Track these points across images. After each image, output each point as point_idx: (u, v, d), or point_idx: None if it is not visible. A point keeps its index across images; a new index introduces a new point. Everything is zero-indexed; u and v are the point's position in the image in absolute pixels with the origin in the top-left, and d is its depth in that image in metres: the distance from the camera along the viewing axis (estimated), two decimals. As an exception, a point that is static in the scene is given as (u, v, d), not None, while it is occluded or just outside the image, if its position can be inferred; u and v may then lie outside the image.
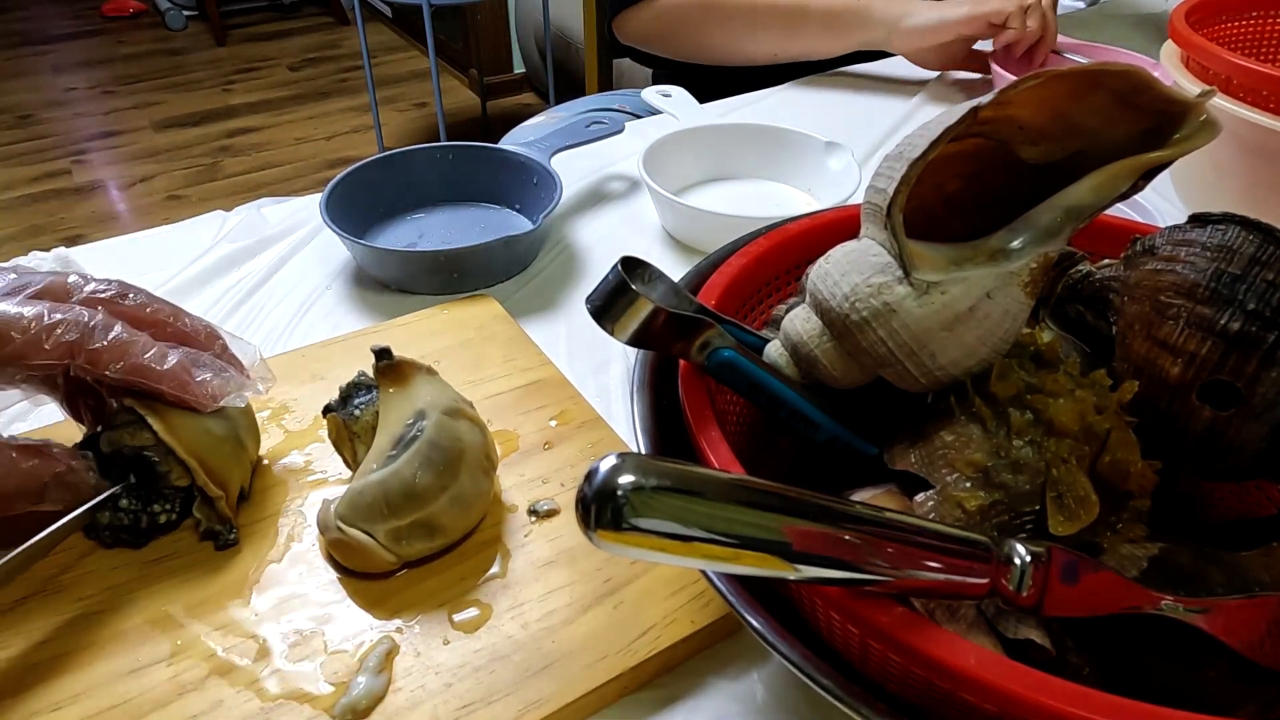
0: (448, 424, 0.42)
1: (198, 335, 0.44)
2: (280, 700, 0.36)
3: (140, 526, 0.42)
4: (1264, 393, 0.32)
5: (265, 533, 0.44)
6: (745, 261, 0.42)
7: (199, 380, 0.41)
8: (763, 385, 0.35)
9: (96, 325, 0.39)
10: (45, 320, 0.38)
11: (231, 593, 0.41)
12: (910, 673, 0.27)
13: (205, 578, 0.42)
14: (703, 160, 0.79)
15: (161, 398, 0.41)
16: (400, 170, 0.72)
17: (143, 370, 0.40)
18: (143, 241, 0.71)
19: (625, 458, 0.23)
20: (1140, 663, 0.31)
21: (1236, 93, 0.60)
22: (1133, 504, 0.33)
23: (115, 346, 0.39)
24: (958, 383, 0.34)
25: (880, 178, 0.34)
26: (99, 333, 0.39)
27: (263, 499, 0.46)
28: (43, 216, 2.53)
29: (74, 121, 3.03)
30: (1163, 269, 0.34)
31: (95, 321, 0.39)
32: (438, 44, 2.56)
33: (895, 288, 0.32)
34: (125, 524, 0.42)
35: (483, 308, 0.61)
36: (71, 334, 0.38)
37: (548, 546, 0.44)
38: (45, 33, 3.70)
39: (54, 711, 0.36)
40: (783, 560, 0.24)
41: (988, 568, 0.27)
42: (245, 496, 0.46)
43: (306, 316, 0.63)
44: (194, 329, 0.44)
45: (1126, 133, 0.33)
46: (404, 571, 0.42)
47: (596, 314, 0.33)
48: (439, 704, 0.37)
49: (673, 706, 0.39)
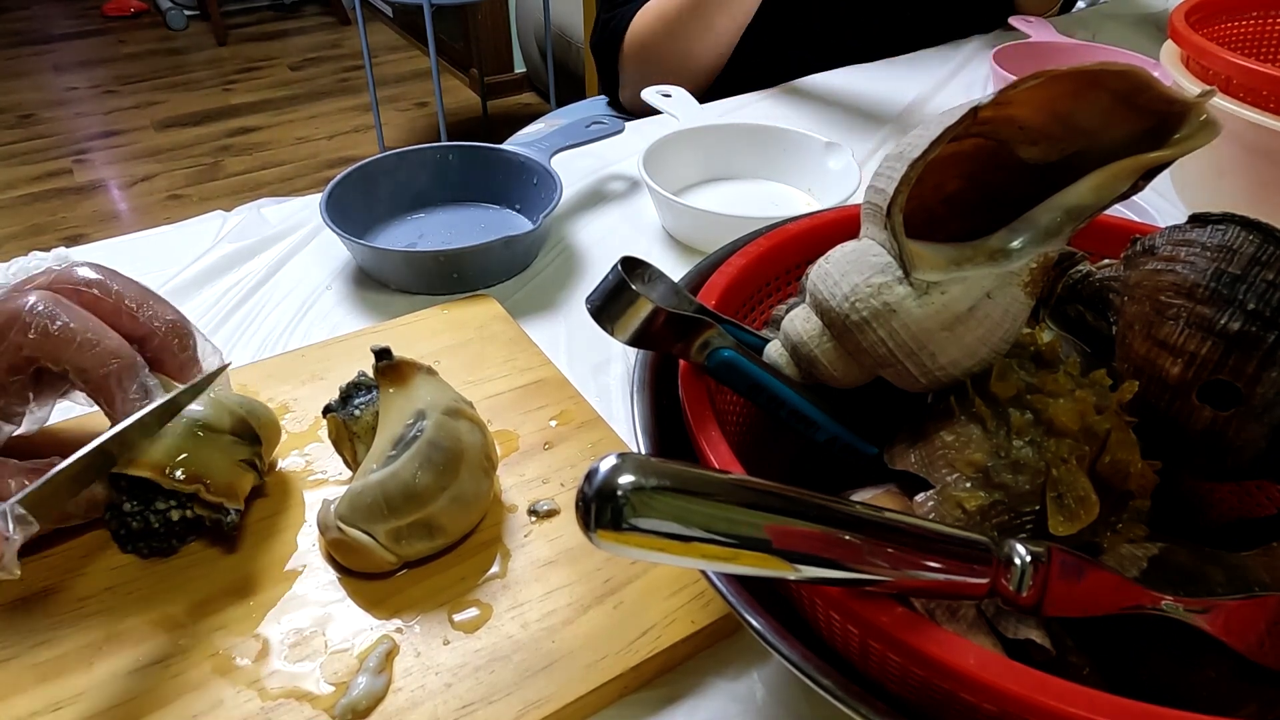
0: (448, 424, 0.42)
1: (155, 333, 0.42)
2: (280, 700, 0.36)
3: (153, 527, 0.41)
4: (1264, 393, 0.32)
5: (265, 533, 0.44)
6: (745, 261, 0.42)
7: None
8: (763, 385, 0.35)
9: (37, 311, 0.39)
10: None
11: (231, 593, 0.41)
12: (910, 673, 0.27)
13: (205, 578, 0.42)
14: (703, 160, 0.79)
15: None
16: (400, 170, 0.72)
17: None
18: (143, 241, 0.71)
19: (625, 458, 0.23)
20: (1140, 663, 0.31)
21: (1236, 93, 0.59)
22: (1133, 504, 0.33)
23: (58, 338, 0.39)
24: (958, 383, 0.34)
25: (880, 178, 0.34)
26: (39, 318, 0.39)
27: (263, 499, 0.46)
28: (44, 216, 2.53)
29: (75, 121, 3.03)
30: (1163, 269, 0.34)
31: (32, 307, 0.39)
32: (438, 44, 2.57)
33: (895, 288, 0.32)
34: (137, 528, 0.41)
35: (483, 308, 0.61)
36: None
37: (548, 546, 0.44)
38: (46, 32, 3.70)
39: (54, 711, 0.36)
40: (782, 560, 0.24)
41: (988, 568, 0.27)
42: (259, 469, 0.44)
43: (306, 316, 0.63)
44: (151, 326, 0.42)
45: (1126, 133, 0.33)
46: (404, 571, 0.42)
47: (596, 314, 0.33)
48: (439, 704, 0.37)
49: (673, 706, 0.39)
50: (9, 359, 0.39)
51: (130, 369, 0.40)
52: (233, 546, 0.43)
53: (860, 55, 1.06)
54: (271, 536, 0.44)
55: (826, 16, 1.10)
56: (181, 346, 0.43)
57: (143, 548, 0.42)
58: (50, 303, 0.40)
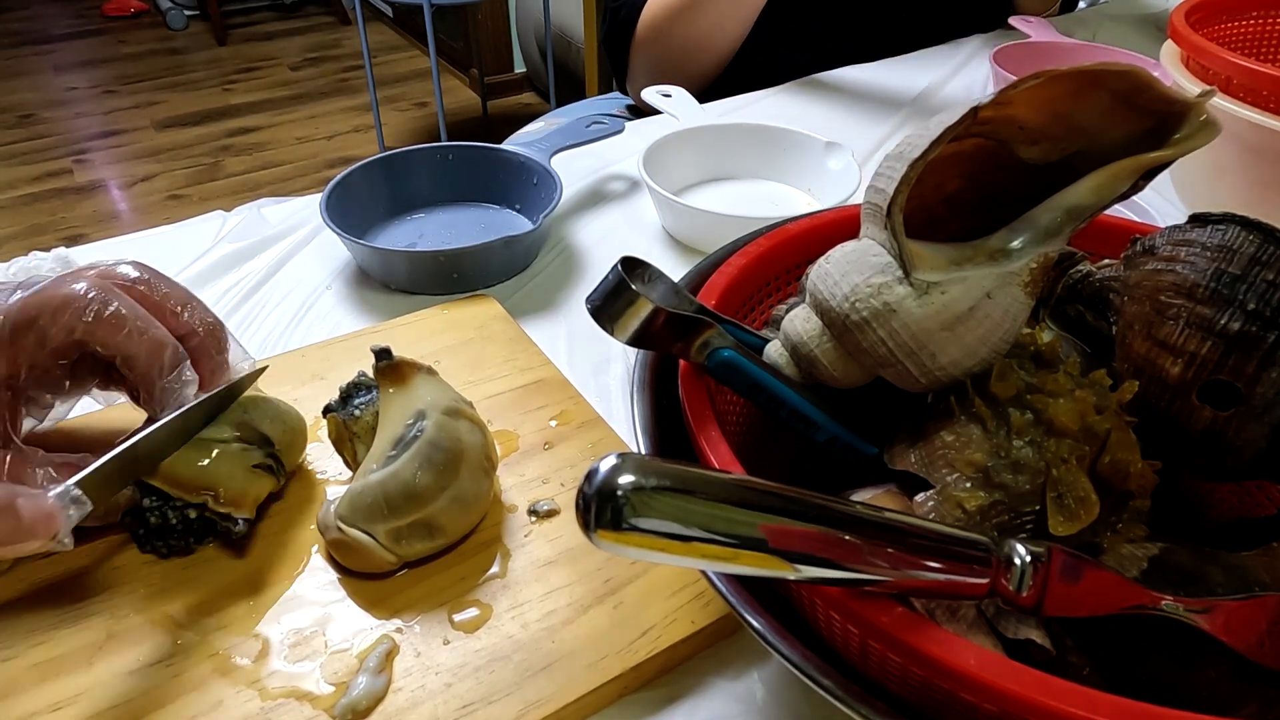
0: (448, 424, 0.42)
1: (195, 333, 0.43)
2: (280, 700, 0.36)
3: (171, 524, 0.41)
4: (1264, 393, 0.32)
5: (266, 533, 0.44)
6: (745, 261, 0.42)
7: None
8: (763, 385, 0.35)
9: (94, 297, 0.39)
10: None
11: (232, 592, 0.41)
12: (910, 673, 0.27)
13: (206, 578, 0.42)
14: (703, 160, 0.79)
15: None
16: (400, 170, 0.72)
17: None
18: (143, 241, 0.71)
19: (625, 458, 0.23)
20: (1140, 663, 0.31)
21: (1236, 93, 0.59)
22: (1133, 504, 0.33)
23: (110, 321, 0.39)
24: (958, 383, 0.34)
25: (880, 178, 0.33)
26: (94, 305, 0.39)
27: (278, 501, 0.46)
28: (44, 216, 2.53)
29: (75, 121, 3.03)
30: (1163, 269, 0.34)
31: (93, 295, 0.39)
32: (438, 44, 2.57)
33: (895, 288, 0.32)
34: (155, 523, 0.41)
35: (483, 308, 0.61)
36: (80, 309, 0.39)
37: (548, 546, 0.44)
38: (46, 32, 3.70)
39: (54, 711, 0.36)
40: (782, 560, 0.24)
41: (988, 568, 0.27)
42: (276, 471, 0.44)
43: (306, 316, 0.63)
44: (192, 326, 0.43)
45: (1126, 133, 0.33)
46: (404, 571, 0.42)
47: (596, 314, 0.33)
48: (439, 704, 0.37)
49: (673, 706, 0.39)
50: (58, 341, 0.39)
51: (175, 360, 0.41)
52: (242, 552, 0.43)
53: (858, 57, 1.06)
54: (272, 536, 0.44)
55: (824, 19, 1.10)
56: (218, 349, 0.44)
57: (161, 546, 0.42)
58: (103, 289, 0.40)
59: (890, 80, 1.02)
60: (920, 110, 0.96)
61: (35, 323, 0.39)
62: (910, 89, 1.01)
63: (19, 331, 0.39)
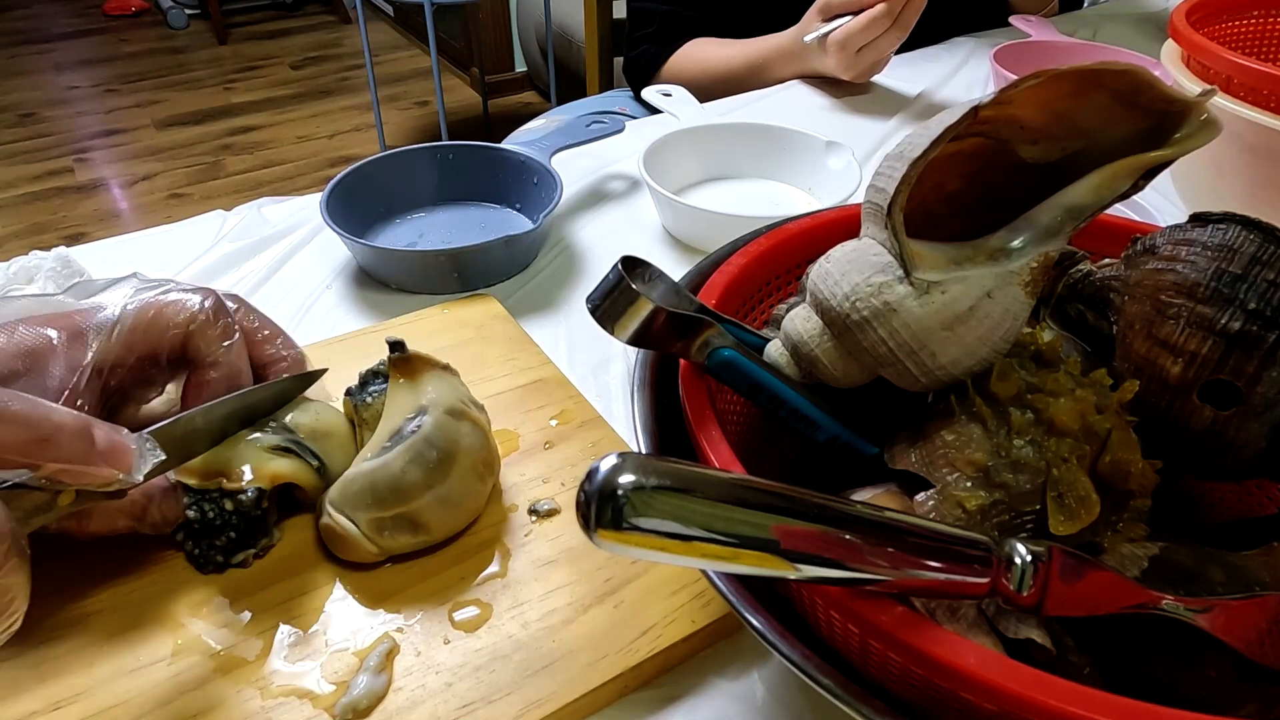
0: (447, 424, 0.42)
1: (283, 359, 0.45)
2: (281, 699, 0.36)
3: (209, 519, 0.41)
4: (1264, 392, 0.32)
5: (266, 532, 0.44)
6: (745, 261, 0.42)
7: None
8: (763, 385, 0.35)
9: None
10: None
11: (232, 592, 0.41)
12: (910, 672, 0.27)
13: (206, 576, 0.42)
14: (703, 160, 0.79)
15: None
16: (401, 170, 0.72)
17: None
18: (144, 240, 0.71)
19: (625, 457, 0.23)
20: (1140, 663, 0.31)
21: (1237, 92, 0.59)
22: (1133, 503, 0.33)
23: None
24: (958, 382, 0.34)
25: (880, 177, 0.33)
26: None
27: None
28: (45, 215, 2.53)
29: (76, 120, 3.03)
30: (1163, 268, 0.34)
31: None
32: (439, 42, 2.57)
33: (896, 287, 0.32)
34: (198, 525, 0.41)
35: (483, 307, 0.61)
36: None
37: (548, 546, 0.44)
38: (47, 31, 3.70)
39: (54, 711, 0.36)
40: (783, 560, 0.24)
41: (988, 568, 0.27)
42: (311, 455, 0.44)
43: (306, 316, 0.63)
44: (282, 353, 0.45)
45: (1127, 132, 0.33)
46: (404, 571, 0.42)
47: (596, 314, 0.33)
48: (439, 703, 0.37)
49: (673, 706, 0.39)
50: (169, 337, 0.41)
51: (298, 367, 0.45)
52: (266, 532, 0.43)
53: None
54: (273, 536, 0.44)
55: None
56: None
57: (215, 555, 0.41)
58: (238, 300, 0.45)
59: (891, 79, 1.02)
60: (920, 110, 0.96)
61: (161, 314, 0.40)
62: (911, 88, 1.00)
63: (140, 321, 0.40)
